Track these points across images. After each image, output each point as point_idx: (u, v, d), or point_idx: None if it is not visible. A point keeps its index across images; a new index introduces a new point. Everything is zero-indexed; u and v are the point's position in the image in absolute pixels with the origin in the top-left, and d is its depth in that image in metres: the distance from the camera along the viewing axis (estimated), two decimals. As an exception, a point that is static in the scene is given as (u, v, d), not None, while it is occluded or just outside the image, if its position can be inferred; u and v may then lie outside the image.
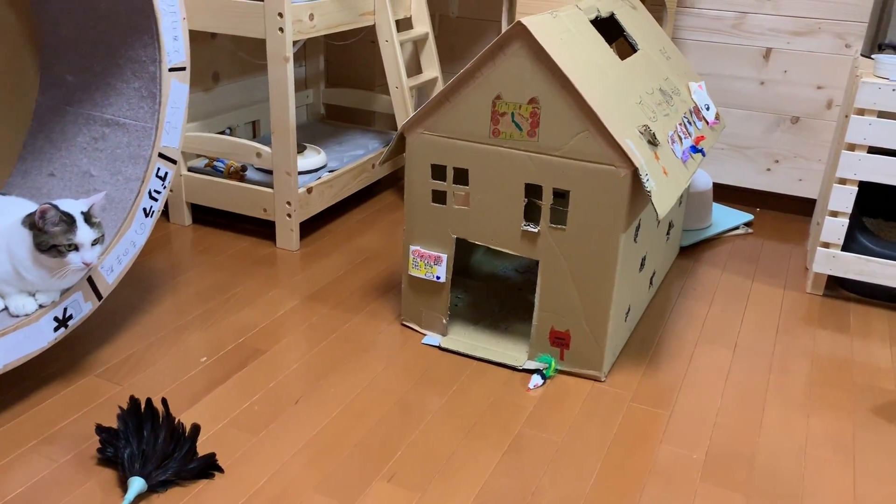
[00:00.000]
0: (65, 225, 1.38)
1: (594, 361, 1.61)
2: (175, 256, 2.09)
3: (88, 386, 1.53)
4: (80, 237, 1.39)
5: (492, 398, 1.54)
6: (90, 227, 1.41)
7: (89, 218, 1.42)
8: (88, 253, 1.41)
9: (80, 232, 1.39)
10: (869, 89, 1.82)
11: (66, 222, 1.38)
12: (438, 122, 1.58)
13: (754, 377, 1.66)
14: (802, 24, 2.38)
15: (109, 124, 1.67)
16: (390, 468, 1.34)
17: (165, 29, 1.59)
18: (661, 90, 1.76)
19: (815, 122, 2.46)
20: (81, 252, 1.40)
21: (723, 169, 2.62)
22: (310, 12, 2.01)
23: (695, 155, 1.71)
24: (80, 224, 1.40)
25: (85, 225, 1.40)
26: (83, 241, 1.40)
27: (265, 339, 1.72)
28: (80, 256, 1.40)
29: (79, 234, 1.39)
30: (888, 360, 1.74)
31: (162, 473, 1.27)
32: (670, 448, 1.42)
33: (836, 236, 1.95)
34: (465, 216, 1.62)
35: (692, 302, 1.97)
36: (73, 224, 1.39)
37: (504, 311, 1.84)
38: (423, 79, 2.46)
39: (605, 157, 1.45)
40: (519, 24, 1.42)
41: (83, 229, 1.40)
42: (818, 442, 1.46)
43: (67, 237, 1.38)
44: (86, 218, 1.41)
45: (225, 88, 2.48)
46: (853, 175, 1.89)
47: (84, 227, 1.40)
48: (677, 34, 2.53)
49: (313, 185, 2.17)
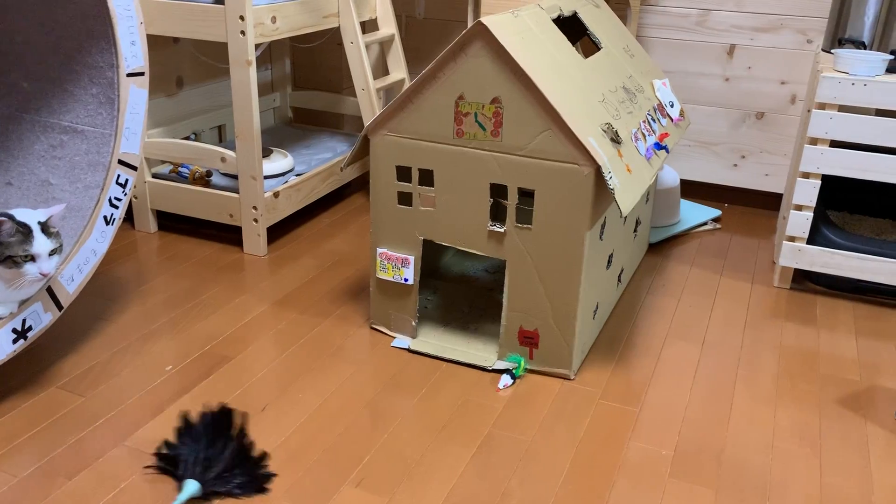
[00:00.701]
0: (21, 236, 1.35)
1: (563, 360, 1.60)
2: (141, 264, 2.06)
3: (50, 398, 1.50)
4: (36, 248, 1.37)
5: (461, 400, 1.54)
6: (47, 238, 1.39)
7: (47, 228, 1.40)
8: (46, 263, 1.39)
9: (37, 243, 1.37)
10: (829, 83, 1.84)
11: (22, 233, 1.36)
12: (402, 123, 1.57)
13: (722, 371, 1.67)
14: (765, 20, 2.40)
15: (67, 131, 1.64)
16: (358, 473, 1.33)
17: (122, 34, 1.56)
18: (625, 88, 1.77)
19: (780, 117, 2.48)
20: (38, 263, 1.38)
21: (690, 165, 2.64)
22: (272, 15, 1.99)
23: (659, 152, 1.71)
24: (36, 235, 1.37)
25: (42, 235, 1.38)
26: (40, 251, 1.37)
27: (232, 346, 1.70)
28: (38, 267, 1.38)
29: (35, 244, 1.37)
30: (853, 351, 1.76)
31: (220, 485, 1.26)
32: (639, 444, 1.43)
33: (801, 230, 1.97)
34: (432, 217, 1.61)
35: (661, 298, 1.98)
36: (29, 235, 1.36)
37: (474, 312, 1.84)
38: (390, 80, 2.45)
39: (569, 156, 1.44)
40: (479, 24, 1.42)
41: (40, 240, 1.37)
42: (785, 434, 1.47)
43: (24, 248, 1.35)
44: (43, 228, 1.39)
45: (189, 93, 2.46)
46: (816, 169, 1.91)
47: (41, 237, 1.38)
48: (641, 32, 2.54)
49: (280, 190, 2.15)
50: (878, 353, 1.76)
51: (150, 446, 1.37)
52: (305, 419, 1.46)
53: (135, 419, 1.44)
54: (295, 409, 1.49)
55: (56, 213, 1.42)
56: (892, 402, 1.58)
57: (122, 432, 1.41)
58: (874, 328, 1.87)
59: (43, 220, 1.40)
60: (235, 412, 1.40)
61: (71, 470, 1.31)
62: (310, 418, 1.47)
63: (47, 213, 1.41)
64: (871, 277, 1.95)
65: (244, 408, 1.49)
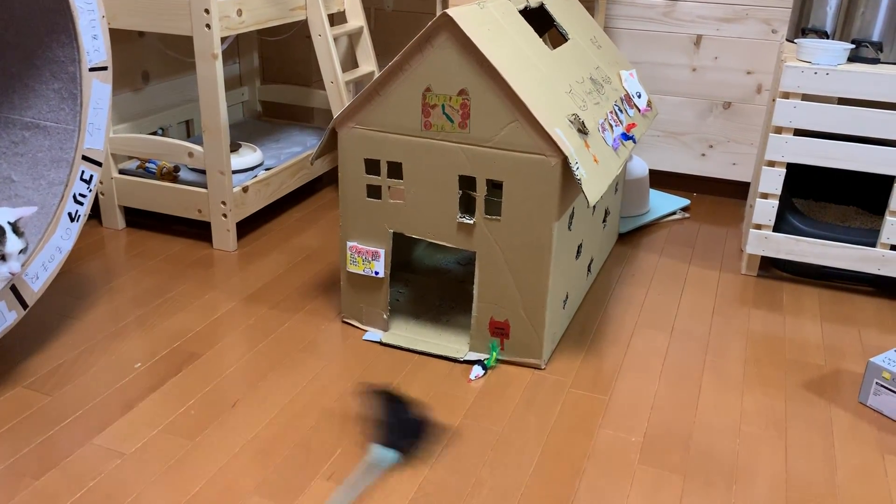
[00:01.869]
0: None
1: (534, 350, 1.62)
2: (108, 261, 2.04)
3: (16, 398, 1.48)
4: (9, 248, 1.35)
5: (433, 391, 1.54)
6: (18, 238, 1.37)
7: (16, 228, 1.38)
8: (15, 263, 1.37)
9: (10, 243, 1.36)
10: (793, 73, 1.86)
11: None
12: (369, 116, 1.57)
13: (691, 359, 1.69)
14: (730, 10, 2.43)
15: (29, 127, 1.62)
16: (329, 467, 1.33)
17: (83, 28, 1.54)
18: (592, 79, 1.78)
19: (747, 106, 2.51)
20: (9, 262, 1.36)
21: (659, 155, 2.66)
22: (238, 8, 1.97)
23: (626, 142, 1.73)
24: (9, 235, 1.36)
25: (14, 235, 1.37)
26: (12, 251, 1.36)
27: (202, 343, 1.68)
28: (8, 267, 1.37)
29: (8, 244, 1.35)
30: (818, 336, 1.79)
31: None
32: (609, 432, 1.44)
33: (767, 217, 2.00)
34: (401, 210, 1.61)
35: (630, 287, 2.00)
36: (3, 235, 1.35)
37: (446, 304, 1.84)
38: (359, 73, 2.44)
39: (536, 147, 1.45)
40: (445, 16, 1.42)
41: (12, 240, 1.36)
42: (751, 419, 1.49)
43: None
44: (13, 228, 1.37)
45: (155, 88, 2.43)
46: (781, 157, 1.94)
47: (13, 237, 1.36)
48: (609, 23, 2.55)
49: (249, 184, 2.14)
50: (841, 337, 1.79)
51: (119, 444, 1.36)
52: (276, 414, 1.46)
53: (103, 417, 1.43)
54: (266, 403, 1.49)
55: (26, 216, 1.41)
56: (855, 385, 1.61)
57: (89, 431, 1.39)
58: (838, 313, 1.90)
59: (12, 220, 1.38)
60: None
61: (38, 470, 1.30)
62: (281, 413, 1.46)
63: (16, 214, 1.40)
64: (835, 263, 1.98)
65: (215, 404, 1.48)
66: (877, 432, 1.47)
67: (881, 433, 1.47)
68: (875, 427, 1.48)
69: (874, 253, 1.93)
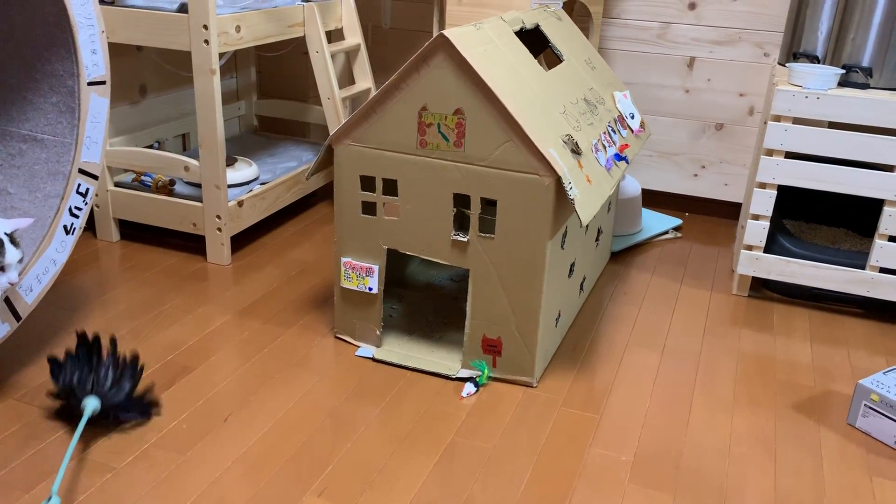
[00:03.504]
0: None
1: (526, 368, 1.62)
2: (102, 274, 2.04)
3: (8, 410, 1.48)
4: (8, 258, 1.36)
5: (425, 408, 1.55)
6: (16, 248, 1.38)
7: (13, 239, 1.39)
8: (13, 273, 1.38)
9: (9, 254, 1.36)
10: (784, 96, 1.89)
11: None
12: (366, 133, 1.58)
13: (682, 378, 1.70)
14: (724, 33, 2.46)
15: (27, 140, 1.63)
16: (321, 482, 1.33)
17: (83, 42, 1.55)
18: (586, 100, 1.80)
19: (739, 128, 2.54)
20: (8, 273, 1.37)
21: (651, 175, 2.68)
22: (236, 24, 1.99)
23: (619, 163, 1.74)
24: (7, 246, 1.36)
25: (12, 246, 1.37)
26: (11, 262, 1.36)
27: (194, 356, 1.69)
28: (7, 277, 1.37)
29: (7, 255, 1.36)
30: (808, 357, 1.81)
31: (116, 394, 1.39)
32: (600, 451, 1.45)
33: (758, 239, 2.02)
34: (396, 227, 1.63)
35: (622, 306, 2.01)
36: (1, 246, 1.35)
37: (439, 321, 1.85)
38: (355, 90, 2.45)
39: (530, 167, 1.47)
40: (441, 37, 1.44)
41: (11, 251, 1.36)
42: (741, 439, 1.50)
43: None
44: (11, 239, 1.38)
45: (153, 101, 2.44)
46: (772, 179, 1.96)
47: (11, 248, 1.37)
48: (603, 44, 2.58)
49: (244, 198, 2.15)
50: (831, 359, 1.81)
51: (110, 458, 1.36)
52: (268, 429, 1.46)
53: (94, 430, 1.43)
54: (258, 418, 1.49)
55: (22, 227, 1.42)
56: (844, 406, 1.62)
57: (81, 444, 1.39)
58: (828, 335, 1.92)
59: (9, 231, 1.39)
60: (101, 335, 1.49)
61: (29, 483, 1.29)
62: (273, 428, 1.46)
63: (13, 226, 1.40)
64: (825, 285, 2.00)
65: (207, 418, 1.48)
66: (865, 454, 1.48)
67: (869, 455, 1.48)
68: (863, 449, 1.49)
69: (864, 275, 1.95)
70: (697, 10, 2.45)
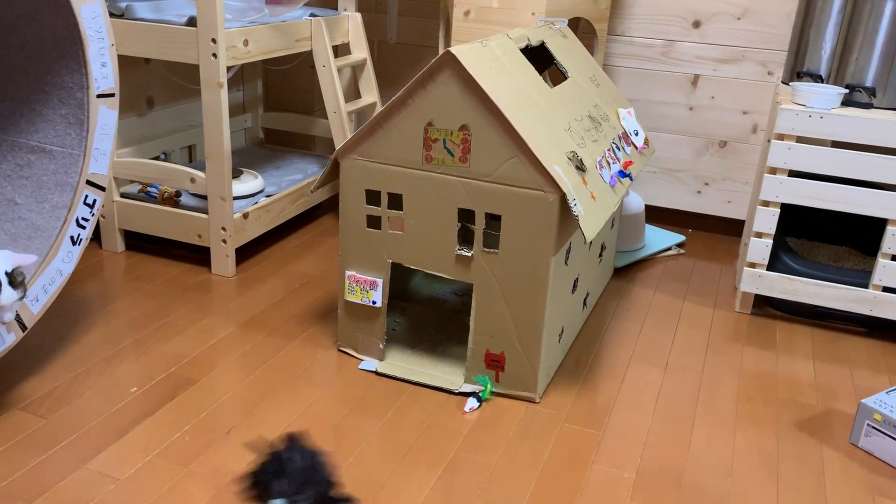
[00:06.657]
0: None
1: (528, 383, 1.62)
2: (107, 284, 2.05)
3: (11, 420, 1.48)
4: (3, 300, 1.35)
5: (427, 422, 1.55)
6: (14, 290, 1.36)
7: (13, 278, 1.37)
8: (8, 314, 1.38)
9: (4, 295, 1.35)
10: (787, 115, 1.90)
11: None
12: (371, 147, 1.59)
13: (684, 395, 1.70)
14: (728, 52, 2.47)
15: (35, 151, 1.64)
16: (323, 496, 1.33)
17: (93, 55, 1.57)
18: (591, 117, 1.81)
19: (742, 145, 2.55)
20: (2, 314, 1.37)
21: (655, 191, 2.69)
22: (244, 38, 2.01)
23: (623, 179, 1.75)
24: (4, 287, 1.35)
25: (9, 288, 1.35)
26: (6, 303, 1.35)
27: (198, 368, 1.69)
28: (2, 317, 1.38)
29: (3, 297, 1.35)
30: (810, 375, 1.81)
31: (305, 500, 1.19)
32: (602, 468, 1.45)
33: (762, 256, 2.02)
34: (400, 241, 1.63)
35: (625, 322, 2.02)
36: None
37: (442, 335, 1.85)
38: (361, 104, 2.47)
39: (535, 183, 1.48)
40: (448, 53, 1.45)
41: (7, 293, 1.35)
42: (744, 457, 1.50)
43: None
44: (10, 279, 1.36)
45: (159, 113, 2.46)
46: (775, 198, 1.97)
47: (8, 290, 1.35)
48: (608, 61, 2.60)
49: (249, 210, 2.16)
50: (833, 377, 1.81)
51: (112, 469, 1.36)
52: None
53: (97, 442, 1.43)
54: (260, 432, 1.49)
55: (25, 265, 1.39)
56: (847, 425, 1.62)
57: (84, 455, 1.39)
58: (831, 353, 1.92)
59: (9, 269, 1.37)
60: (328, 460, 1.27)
61: (31, 494, 1.30)
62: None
63: (15, 262, 1.38)
64: (828, 304, 2.00)
65: (210, 430, 1.48)
66: (868, 474, 1.48)
67: (872, 475, 1.48)
68: (866, 468, 1.49)
69: (867, 294, 1.96)
70: (702, 29, 2.47)
